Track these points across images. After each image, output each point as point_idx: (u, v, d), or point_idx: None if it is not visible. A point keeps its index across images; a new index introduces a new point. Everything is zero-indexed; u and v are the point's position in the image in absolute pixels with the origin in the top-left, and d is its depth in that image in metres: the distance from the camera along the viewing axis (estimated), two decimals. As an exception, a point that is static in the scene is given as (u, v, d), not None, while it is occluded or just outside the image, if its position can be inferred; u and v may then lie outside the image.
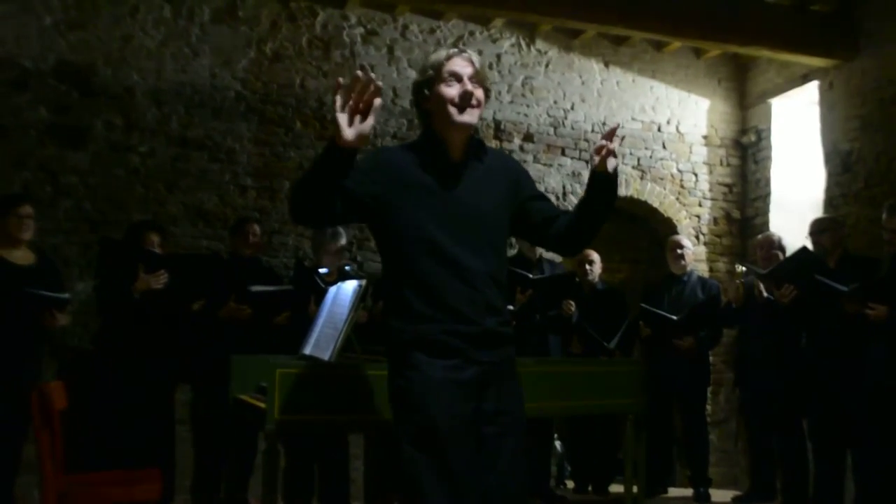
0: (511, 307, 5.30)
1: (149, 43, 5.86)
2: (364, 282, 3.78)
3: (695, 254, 6.92)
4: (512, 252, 6.30)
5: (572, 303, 5.98)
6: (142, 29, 5.86)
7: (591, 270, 6.43)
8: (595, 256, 6.50)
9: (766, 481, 6.30)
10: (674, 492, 6.54)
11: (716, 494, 6.66)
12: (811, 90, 6.70)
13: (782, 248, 6.14)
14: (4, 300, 4.44)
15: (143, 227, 5.30)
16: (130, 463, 4.23)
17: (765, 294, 5.83)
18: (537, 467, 6.12)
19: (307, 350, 3.91)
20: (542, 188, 6.69)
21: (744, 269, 6.00)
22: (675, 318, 6.04)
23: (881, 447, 5.12)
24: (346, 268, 5.56)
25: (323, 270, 5.31)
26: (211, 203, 5.91)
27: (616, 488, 6.37)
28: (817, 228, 5.65)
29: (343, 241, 5.64)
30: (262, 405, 3.47)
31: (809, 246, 5.68)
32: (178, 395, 5.53)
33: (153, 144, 5.81)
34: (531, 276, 5.63)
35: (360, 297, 3.71)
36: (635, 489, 4.92)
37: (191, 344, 5.34)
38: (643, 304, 6.24)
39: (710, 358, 6.79)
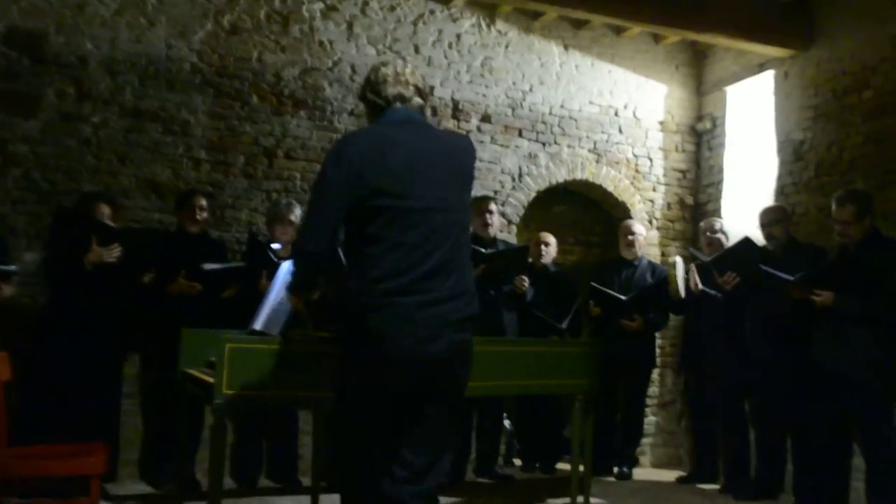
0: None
1: (103, 11, 5.75)
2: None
3: (647, 238, 6.99)
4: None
5: (525, 278, 6.02)
6: (96, -4, 5.75)
7: (545, 252, 6.48)
8: (550, 239, 6.55)
9: (708, 463, 6.43)
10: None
11: (660, 475, 6.79)
12: (767, 79, 6.78)
13: (724, 233, 6.29)
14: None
15: (94, 198, 5.23)
16: (76, 436, 4.19)
17: (700, 287, 5.97)
18: (486, 446, 6.18)
19: (258, 325, 3.89)
20: (498, 169, 6.73)
21: (678, 259, 6.16)
22: (623, 297, 6.14)
23: (823, 430, 5.24)
24: (300, 244, 5.53)
25: (276, 246, 5.29)
26: (164, 176, 5.83)
27: (563, 467, 6.44)
28: (767, 219, 5.74)
29: (298, 213, 5.62)
30: (211, 380, 3.45)
31: (759, 235, 5.78)
32: (126, 368, 5.49)
33: (106, 115, 5.71)
34: (485, 250, 5.66)
35: (312, 274, 3.68)
36: (582, 468, 4.97)
37: (140, 317, 5.30)
38: (593, 283, 6.32)
39: (658, 340, 6.89)
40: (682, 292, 6.17)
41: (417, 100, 2.98)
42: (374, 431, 2.77)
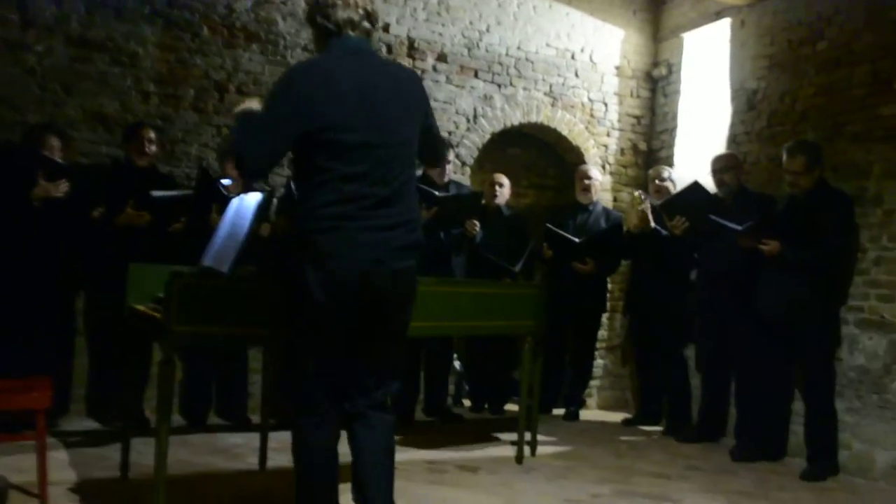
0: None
1: (47, -66, 5.54)
2: (268, 194, 3.72)
3: (602, 183, 7.02)
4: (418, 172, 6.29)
5: (476, 223, 6.03)
6: (40, -82, 5.53)
7: (499, 193, 6.48)
8: (504, 180, 6.54)
9: (652, 405, 6.56)
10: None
11: (606, 416, 6.92)
12: (723, 27, 6.78)
13: (672, 181, 6.35)
14: None
15: (42, 131, 5.10)
16: (25, 372, 4.13)
17: (652, 224, 6.04)
18: (435, 386, 6.24)
19: (207, 261, 3.84)
20: (453, 110, 6.68)
21: (641, 193, 6.22)
22: (577, 240, 6.19)
23: (765, 375, 5.37)
24: (251, 180, 5.46)
25: (226, 181, 5.21)
26: (111, 108, 5.69)
27: (512, 408, 6.53)
28: (720, 166, 5.80)
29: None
30: (159, 316, 3.41)
31: (710, 182, 5.83)
32: (74, 303, 5.42)
33: (51, 44, 5.53)
34: (437, 193, 5.64)
35: (264, 210, 3.65)
36: (530, 409, 5.04)
37: (87, 251, 5.22)
38: (548, 225, 6.35)
39: (609, 285, 6.96)
40: (632, 227, 6.25)
41: (366, 24, 2.98)
42: (319, 349, 2.89)
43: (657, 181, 6.40)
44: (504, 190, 6.52)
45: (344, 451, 3.00)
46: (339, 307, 2.82)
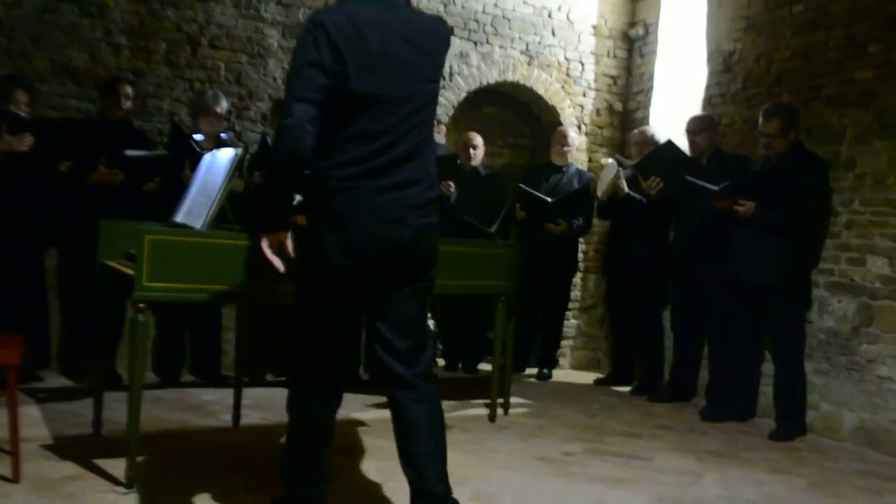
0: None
1: None
2: (241, 150, 3.68)
3: (578, 145, 7.01)
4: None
5: (451, 183, 6.01)
6: None
7: (474, 154, 6.46)
8: (479, 140, 6.51)
9: (625, 366, 6.62)
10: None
11: (578, 376, 6.97)
12: (701, -13, 6.74)
13: (656, 144, 6.31)
14: None
15: (8, 83, 5.01)
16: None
17: (626, 189, 6.05)
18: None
19: (179, 217, 3.81)
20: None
21: (611, 161, 6.22)
22: (550, 200, 6.19)
23: (738, 338, 5.43)
24: (223, 135, 5.42)
25: (199, 136, 5.15)
26: (81, 60, 5.58)
27: (485, 367, 6.56)
28: (693, 127, 5.81)
29: (224, 107, 5.47)
30: (131, 272, 3.38)
31: (685, 143, 5.84)
32: (45, 260, 5.35)
33: (19, -7, 5.41)
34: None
35: (237, 166, 3.61)
36: (503, 369, 5.07)
37: (58, 207, 5.15)
38: (521, 185, 6.34)
39: (583, 246, 6.98)
40: (603, 195, 6.24)
41: None
42: (335, 314, 2.78)
43: (640, 144, 6.38)
44: (478, 151, 6.49)
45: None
46: (360, 269, 2.71)
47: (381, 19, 2.69)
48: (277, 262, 2.74)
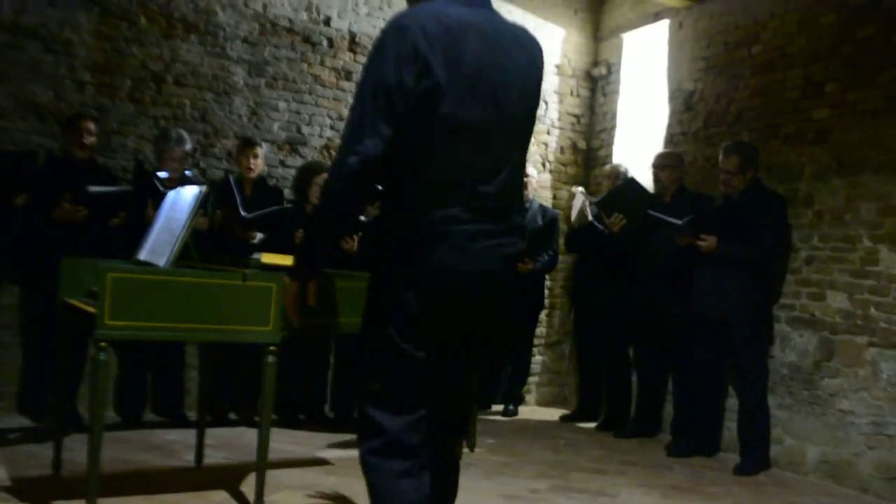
0: (363, 217, 5.32)
1: (-21, -83, 5.39)
2: (205, 188, 3.67)
3: (540, 181, 7.07)
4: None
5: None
6: None
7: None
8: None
9: (591, 401, 6.63)
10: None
11: (544, 413, 6.97)
12: (662, 28, 6.87)
13: (623, 178, 6.38)
14: None
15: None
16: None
17: (590, 217, 6.12)
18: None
19: (142, 255, 3.78)
20: (395, 106, 6.62)
21: (580, 189, 6.28)
22: None
23: (701, 373, 5.46)
24: (188, 173, 5.41)
25: (163, 174, 5.13)
26: (45, 97, 5.55)
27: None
28: (660, 163, 5.91)
29: (188, 146, 5.47)
30: (92, 310, 3.34)
31: (649, 178, 5.92)
32: (4, 298, 5.28)
33: (-19, 29, 5.39)
34: (381, 188, 5.62)
35: (201, 204, 3.60)
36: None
37: (18, 244, 5.08)
38: None
39: (548, 282, 7.01)
40: (574, 222, 6.32)
41: None
42: (415, 370, 2.26)
43: (613, 179, 6.41)
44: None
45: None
46: (444, 325, 2.26)
47: (476, 25, 2.19)
48: (296, 314, 2.41)
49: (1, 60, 5.42)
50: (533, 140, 7.17)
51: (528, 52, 2.33)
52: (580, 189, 6.40)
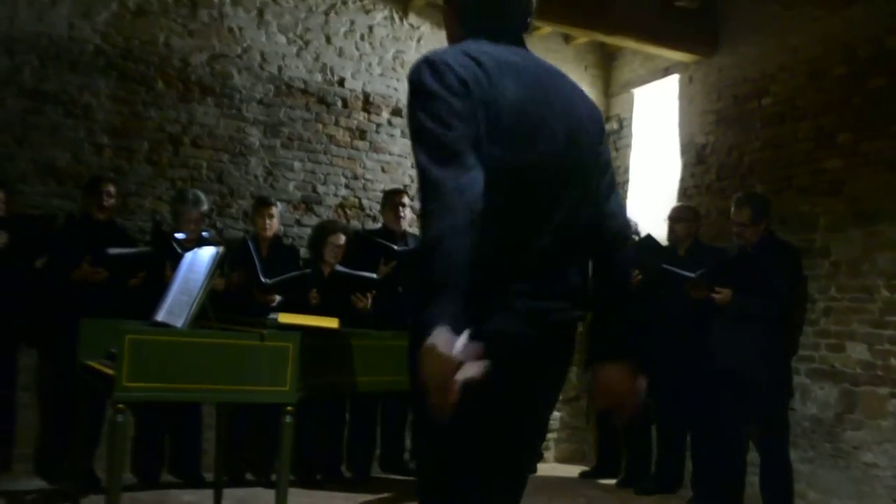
0: (374, 276, 5.32)
1: (2, -12, 5.53)
2: (222, 249, 3.71)
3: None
4: (377, 225, 6.32)
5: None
6: (-6, -28, 5.52)
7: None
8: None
9: (611, 458, 6.56)
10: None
11: (564, 469, 6.90)
12: (672, 83, 6.93)
13: (638, 233, 6.38)
14: None
15: (-17, 184, 5.04)
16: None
17: None
18: (392, 440, 6.18)
19: (160, 316, 3.81)
20: (408, 164, 6.72)
21: None
22: None
23: (722, 428, 5.39)
24: (205, 234, 5.45)
25: (180, 235, 5.18)
26: (64, 160, 5.64)
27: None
28: (676, 216, 5.90)
29: (204, 207, 5.52)
30: (111, 372, 3.36)
31: (664, 230, 5.92)
32: (23, 359, 5.30)
33: (3, 95, 5.48)
34: (396, 247, 5.65)
35: (218, 265, 3.63)
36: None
37: (37, 305, 5.13)
38: None
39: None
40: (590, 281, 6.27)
41: (529, 18, 2.12)
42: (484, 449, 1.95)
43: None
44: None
45: None
46: (500, 394, 1.89)
47: (513, 63, 1.98)
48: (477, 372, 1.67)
49: (21, 125, 5.52)
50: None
51: (570, 85, 2.13)
52: None
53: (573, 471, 6.80)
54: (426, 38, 6.93)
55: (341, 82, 6.56)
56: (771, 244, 5.25)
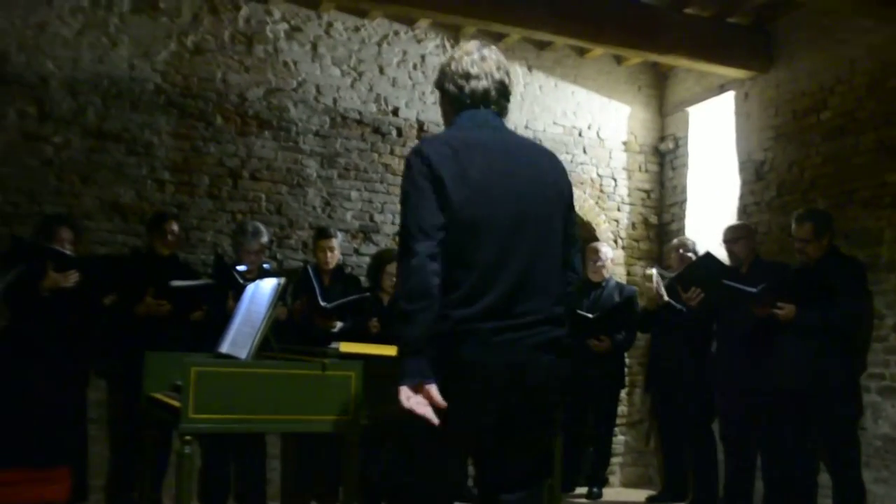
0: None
1: (65, 31, 5.70)
2: (284, 280, 3.75)
3: (613, 259, 7.02)
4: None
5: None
6: (58, 17, 5.69)
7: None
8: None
9: (678, 481, 6.44)
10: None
11: (630, 494, 6.81)
12: (728, 100, 6.87)
13: (695, 252, 6.30)
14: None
15: (55, 222, 5.16)
16: (40, 462, 4.12)
17: (665, 297, 5.98)
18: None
19: (224, 348, 3.86)
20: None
21: (654, 270, 6.17)
22: (591, 315, 6.15)
23: (792, 448, 5.28)
24: (266, 266, 5.53)
25: (242, 268, 5.26)
26: (128, 197, 5.78)
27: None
28: (730, 237, 5.80)
29: (264, 239, 5.60)
30: (177, 404, 3.41)
31: (723, 252, 5.84)
32: (92, 393, 5.41)
33: (68, 135, 5.65)
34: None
35: (280, 296, 3.68)
36: (551, 489, 4.97)
37: (106, 340, 5.24)
38: None
39: (627, 360, 6.91)
40: (651, 304, 6.19)
41: (503, 101, 2.68)
42: (457, 462, 2.62)
43: (681, 250, 6.35)
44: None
45: None
46: (480, 417, 2.46)
47: (483, 142, 2.54)
48: (430, 414, 2.32)
49: (87, 164, 5.67)
50: (603, 217, 7.20)
51: (536, 156, 2.66)
52: (655, 269, 6.29)
53: (640, 496, 6.70)
54: (478, 65, 6.96)
55: (395, 112, 6.63)
56: (834, 259, 5.13)
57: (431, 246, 2.37)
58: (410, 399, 2.32)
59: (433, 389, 2.33)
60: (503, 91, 2.68)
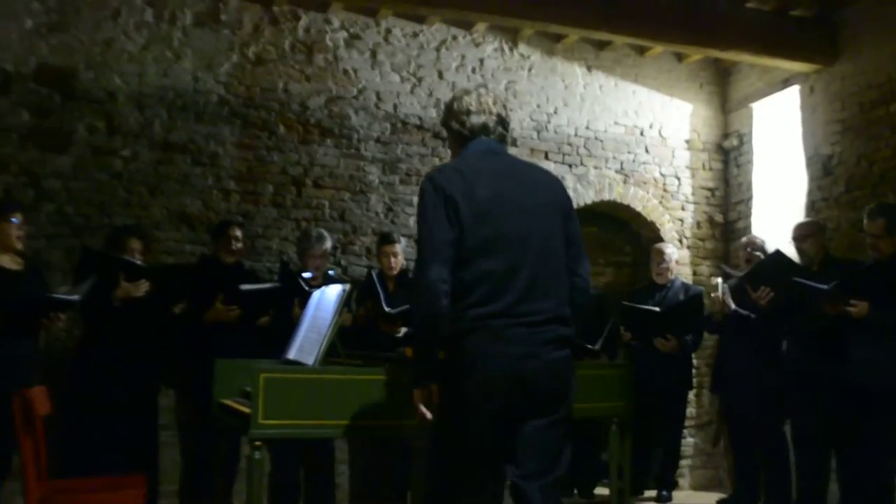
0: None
1: (130, 47, 5.83)
2: (348, 286, 3.78)
3: (679, 259, 6.93)
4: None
5: None
6: (123, 32, 5.82)
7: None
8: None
9: (749, 484, 6.32)
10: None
11: (700, 497, 6.72)
12: (792, 95, 6.74)
13: (764, 251, 6.17)
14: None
15: (124, 233, 5.27)
16: (114, 469, 4.21)
17: (732, 306, 5.85)
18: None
19: (291, 354, 3.90)
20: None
21: (719, 280, 6.04)
22: (657, 309, 6.06)
23: (868, 448, 5.14)
24: (330, 272, 5.58)
25: (307, 274, 5.32)
26: (194, 207, 5.88)
27: (601, 491, 6.38)
28: (799, 234, 5.68)
29: (328, 244, 5.64)
30: (247, 410, 3.46)
31: (792, 251, 5.72)
32: (162, 399, 5.51)
33: (136, 148, 5.77)
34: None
35: (345, 302, 3.71)
36: (620, 492, 4.92)
37: (175, 348, 5.33)
38: (625, 302, 6.24)
39: (694, 361, 6.81)
40: (718, 313, 6.08)
41: (501, 130, 3.04)
42: (478, 453, 2.81)
43: (749, 249, 6.23)
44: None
45: None
46: (496, 405, 2.76)
47: (489, 166, 2.89)
48: (428, 413, 2.80)
49: (154, 175, 5.79)
50: (668, 217, 7.13)
51: (536, 175, 3.03)
52: (720, 280, 6.16)
53: (710, 499, 6.60)
54: (537, 67, 6.96)
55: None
56: (909, 255, 5.01)
57: (442, 268, 2.73)
58: (418, 399, 2.80)
59: (434, 389, 2.80)
60: (501, 122, 3.04)
